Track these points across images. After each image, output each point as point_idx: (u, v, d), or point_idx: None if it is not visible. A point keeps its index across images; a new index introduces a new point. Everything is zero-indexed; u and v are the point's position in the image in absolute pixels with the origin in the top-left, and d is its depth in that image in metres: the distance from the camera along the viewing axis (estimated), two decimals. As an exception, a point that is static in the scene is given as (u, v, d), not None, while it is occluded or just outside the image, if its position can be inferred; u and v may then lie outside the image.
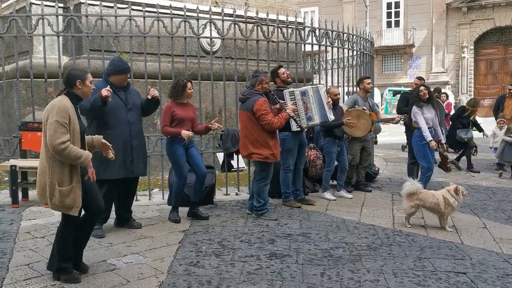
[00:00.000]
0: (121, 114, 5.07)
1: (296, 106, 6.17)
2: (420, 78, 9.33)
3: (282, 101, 6.01)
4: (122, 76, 5.12)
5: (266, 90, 5.86)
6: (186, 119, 5.60)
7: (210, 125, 5.70)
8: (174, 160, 5.68)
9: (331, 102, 6.61)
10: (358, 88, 7.83)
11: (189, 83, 5.67)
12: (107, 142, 4.09)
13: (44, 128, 3.66)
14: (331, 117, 6.45)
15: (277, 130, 5.93)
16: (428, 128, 6.91)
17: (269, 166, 5.88)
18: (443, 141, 7.31)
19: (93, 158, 3.78)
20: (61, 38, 7.04)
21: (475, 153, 10.87)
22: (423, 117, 6.86)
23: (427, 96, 7.01)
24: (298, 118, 6.17)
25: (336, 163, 7.02)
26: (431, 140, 6.77)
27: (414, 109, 6.96)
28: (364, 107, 7.27)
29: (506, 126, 9.07)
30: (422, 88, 7.12)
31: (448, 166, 7.52)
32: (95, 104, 4.76)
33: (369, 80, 7.60)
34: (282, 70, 6.49)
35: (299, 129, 6.21)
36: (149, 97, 5.30)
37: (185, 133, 5.43)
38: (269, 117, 5.63)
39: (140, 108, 5.34)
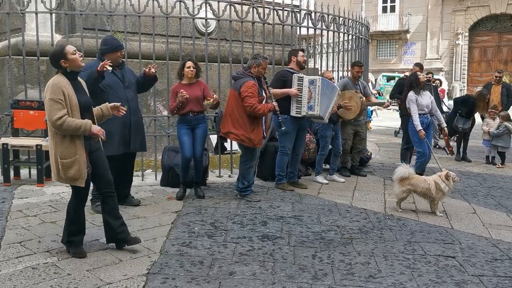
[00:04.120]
0: (119, 91, 5.12)
1: (301, 92, 6.20)
2: (421, 67, 9.26)
3: (272, 90, 6.10)
4: (117, 53, 5.13)
5: (260, 75, 5.86)
6: (190, 99, 5.70)
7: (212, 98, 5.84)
8: (178, 138, 5.97)
9: (336, 110, 6.68)
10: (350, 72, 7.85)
11: (188, 62, 5.82)
12: (114, 103, 4.14)
13: (45, 108, 3.78)
14: (326, 119, 6.52)
15: (263, 118, 5.95)
16: (424, 114, 6.94)
17: (253, 150, 5.91)
18: (444, 125, 7.31)
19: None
20: (54, 15, 6.95)
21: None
22: (418, 103, 6.88)
23: (424, 81, 7.07)
24: (300, 105, 6.21)
25: (330, 147, 7.05)
26: (420, 130, 6.80)
27: (410, 95, 6.97)
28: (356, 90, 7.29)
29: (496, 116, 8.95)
30: (420, 74, 7.20)
31: (450, 149, 7.62)
32: (91, 77, 4.72)
33: (358, 69, 7.54)
34: (302, 53, 6.55)
35: (298, 115, 6.24)
36: (151, 71, 5.32)
37: (180, 94, 5.57)
38: (253, 100, 5.62)
39: (136, 85, 5.41)
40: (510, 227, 5.12)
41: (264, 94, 5.91)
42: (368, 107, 13.19)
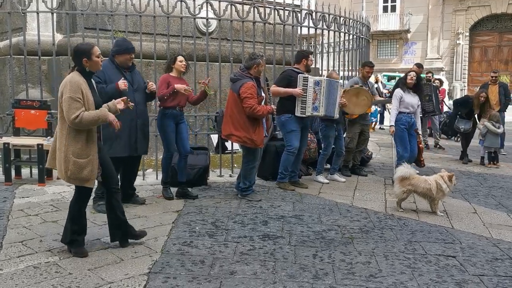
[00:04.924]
0: (128, 94, 5.09)
1: (306, 93, 6.23)
2: (419, 66, 9.27)
3: (275, 88, 6.22)
4: (127, 55, 5.19)
5: (258, 75, 5.87)
6: (180, 93, 5.68)
7: (201, 84, 5.80)
8: (162, 134, 5.83)
9: (344, 102, 6.72)
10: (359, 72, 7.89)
11: (180, 56, 5.81)
12: (120, 99, 4.14)
13: (60, 105, 3.78)
14: (336, 115, 6.57)
15: (264, 120, 5.97)
16: (408, 113, 6.92)
17: (255, 150, 5.90)
18: (419, 130, 7.30)
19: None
20: (55, 15, 6.95)
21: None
22: (403, 101, 6.86)
23: (412, 82, 6.98)
24: (304, 105, 6.24)
25: (332, 146, 7.05)
26: (391, 126, 6.83)
27: (396, 91, 6.99)
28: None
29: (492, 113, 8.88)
30: (412, 73, 7.10)
31: (422, 159, 7.41)
32: (113, 95, 4.78)
33: (368, 69, 7.59)
34: (311, 56, 6.58)
35: (303, 115, 6.28)
36: (147, 91, 5.41)
37: (179, 86, 5.54)
38: (252, 102, 5.62)
39: (144, 88, 5.43)
40: (510, 226, 5.13)
41: (263, 94, 5.92)
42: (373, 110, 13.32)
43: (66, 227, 4.03)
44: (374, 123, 14.14)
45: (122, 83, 4.93)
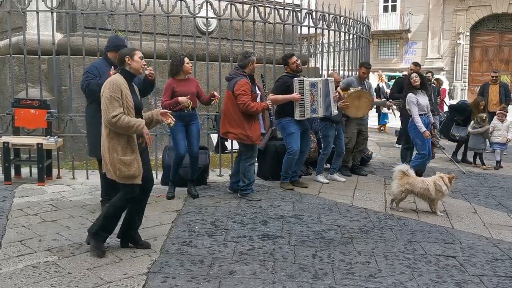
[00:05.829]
0: None
1: (303, 96, 6.21)
2: (416, 64, 9.27)
3: (273, 96, 6.20)
4: (114, 53, 5.10)
5: (253, 73, 5.90)
6: (187, 94, 5.68)
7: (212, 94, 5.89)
8: (171, 136, 5.94)
9: (337, 96, 6.68)
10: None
11: (186, 58, 5.86)
12: (166, 110, 4.20)
13: (102, 104, 3.85)
14: (334, 111, 6.56)
15: (260, 116, 5.97)
16: (425, 114, 6.91)
17: (252, 147, 5.92)
18: (432, 121, 7.24)
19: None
20: (55, 14, 6.94)
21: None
22: (420, 104, 6.83)
23: (418, 83, 6.95)
24: (303, 108, 6.23)
25: (332, 146, 7.04)
26: (424, 131, 6.76)
27: (410, 96, 6.91)
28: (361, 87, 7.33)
29: (506, 119, 8.73)
30: (413, 75, 7.07)
31: (433, 152, 7.47)
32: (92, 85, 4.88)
33: (364, 70, 7.56)
34: (293, 59, 6.44)
35: (302, 118, 6.28)
36: (146, 72, 5.26)
37: (181, 99, 5.54)
38: (245, 98, 5.64)
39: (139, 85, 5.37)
40: (510, 227, 5.12)
41: (258, 91, 5.94)
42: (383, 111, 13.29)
43: (99, 219, 4.02)
44: (384, 124, 14.08)
45: (113, 72, 4.91)
